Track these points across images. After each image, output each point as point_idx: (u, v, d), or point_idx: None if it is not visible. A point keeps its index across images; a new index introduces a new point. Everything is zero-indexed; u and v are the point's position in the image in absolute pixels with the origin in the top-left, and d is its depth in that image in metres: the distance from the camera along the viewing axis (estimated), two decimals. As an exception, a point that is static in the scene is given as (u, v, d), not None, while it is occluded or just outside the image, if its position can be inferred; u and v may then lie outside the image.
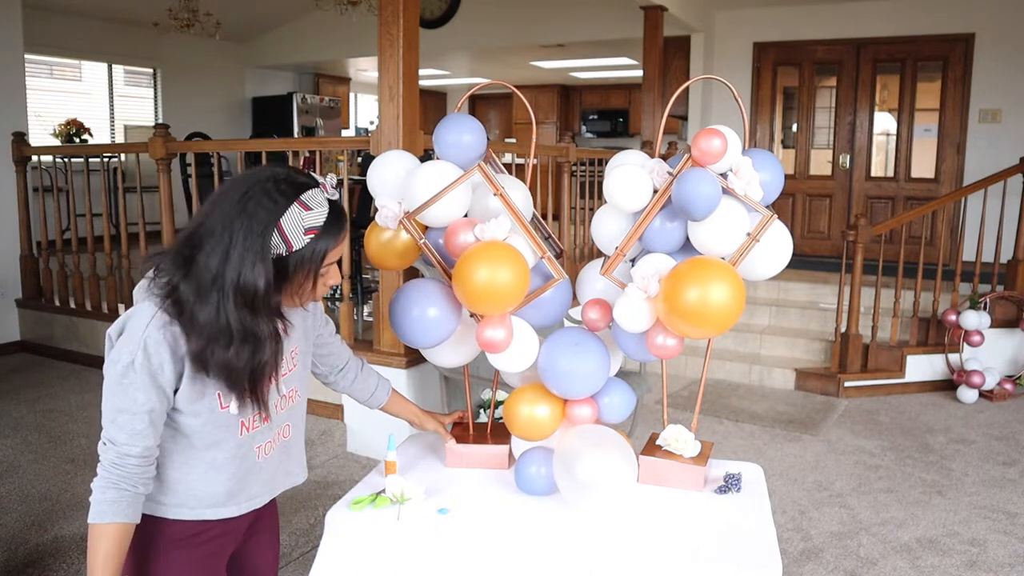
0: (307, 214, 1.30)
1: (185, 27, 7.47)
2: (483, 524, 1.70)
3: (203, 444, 1.38)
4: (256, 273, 1.26)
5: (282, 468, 1.54)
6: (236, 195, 1.29)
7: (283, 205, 1.28)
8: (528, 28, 8.33)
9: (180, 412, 1.34)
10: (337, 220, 1.34)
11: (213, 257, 1.26)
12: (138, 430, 1.29)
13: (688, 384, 5.26)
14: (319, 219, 1.31)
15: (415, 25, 3.49)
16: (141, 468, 1.30)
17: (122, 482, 1.29)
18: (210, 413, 1.35)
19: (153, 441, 1.31)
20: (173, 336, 1.28)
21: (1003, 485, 3.62)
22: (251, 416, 1.40)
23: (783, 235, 1.79)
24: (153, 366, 1.27)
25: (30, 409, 4.38)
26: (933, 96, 7.10)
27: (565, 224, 5.29)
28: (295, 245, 1.30)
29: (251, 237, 1.26)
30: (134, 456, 1.29)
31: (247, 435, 1.41)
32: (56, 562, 2.77)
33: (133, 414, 1.28)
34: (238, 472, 1.43)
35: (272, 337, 1.33)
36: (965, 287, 5.43)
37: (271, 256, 1.28)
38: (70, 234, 5.46)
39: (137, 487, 1.30)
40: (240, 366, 1.30)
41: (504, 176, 1.95)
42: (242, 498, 1.46)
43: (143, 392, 1.28)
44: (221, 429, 1.37)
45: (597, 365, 1.78)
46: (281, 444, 1.51)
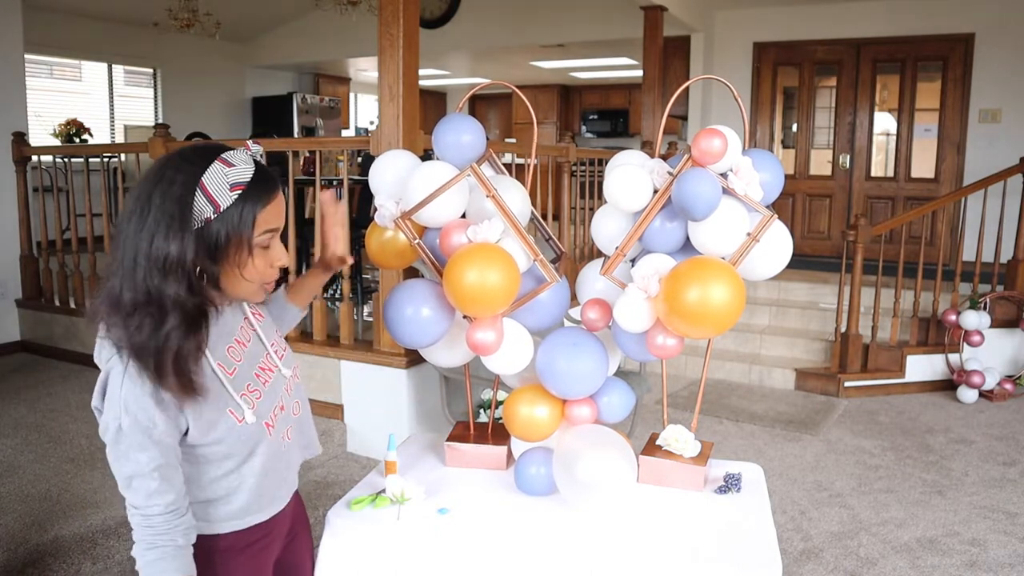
0: (231, 170, 1.21)
1: (185, 27, 7.46)
2: (483, 524, 1.70)
3: (235, 463, 1.32)
4: (170, 237, 1.16)
5: (300, 443, 1.49)
6: (154, 168, 1.22)
7: (203, 165, 1.20)
8: (528, 28, 8.32)
9: (202, 446, 1.27)
10: (264, 179, 1.24)
11: (132, 233, 1.18)
12: (152, 489, 1.21)
13: (688, 384, 5.26)
14: (244, 175, 1.21)
15: (415, 25, 3.49)
16: (171, 522, 1.23)
17: (158, 540, 1.22)
18: (231, 433, 1.28)
19: (172, 495, 1.23)
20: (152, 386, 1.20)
21: (1003, 485, 3.62)
22: (271, 414, 1.35)
23: (783, 235, 1.79)
24: (142, 424, 1.19)
25: (30, 409, 4.38)
26: (933, 96, 7.10)
27: (565, 224, 5.29)
28: (222, 204, 1.19)
29: (168, 201, 1.17)
30: (158, 515, 1.22)
31: (273, 432, 1.36)
32: (56, 562, 2.77)
33: (143, 476, 1.21)
34: (275, 468, 1.38)
35: (179, 306, 1.18)
36: (965, 287, 5.43)
37: (198, 222, 1.18)
38: (70, 234, 5.46)
39: (177, 539, 1.23)
40: (141, 340, 1.17)
41: (502, 177, 1.94)
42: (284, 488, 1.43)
43: (144, 452, 1.20)
44: (248, 441, 1.31)
45: (595, 365, 1.78)
46: (296, 421, 1.46)
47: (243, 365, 1.34)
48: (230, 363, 1.32)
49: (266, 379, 1.37)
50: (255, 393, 1.33)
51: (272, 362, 1.40)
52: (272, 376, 1.38)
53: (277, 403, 1.37)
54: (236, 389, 1.29)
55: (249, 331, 1.39)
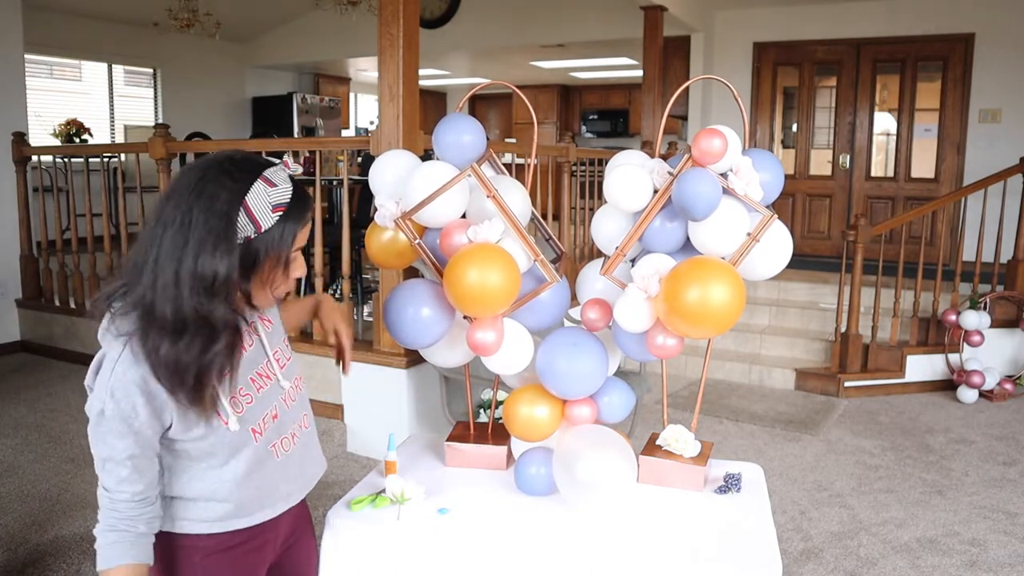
0: (272, 191, 1.22)
1: (185, 27, 7.46)
2: (483, 524, 1.70)
3: (218, 462, 1.31)
4: (219, 257, 1.17)
5: (308, 458, 1.47)
6: (192, 180, 1.20)
7: (246, 183, 1.20)
8: (528, 28, 8.32)
9: (183, 441, 1.27)
10: (302, 199, 1.26)
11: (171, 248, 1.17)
12: (123, 476, 1.23)
13: (688, 384, 5.26)
14: (285, 196, 1.23)
15: (415, 25, 3.49)
16: (136, 510, 1.25)
17: (120, 524, 1.24)
18: (215, 433, 1.28)
19: (143, 485, 1.25)
20: (142, 377, 1.20)
21: (1003, 485, 3.62)
22: (260, 420, 1.34)
23: (783, 235, 1.79)
24: (124, 412, 1.20)
25: (30, 409, 4.38)
26: (933, 96, 7.10)
27: (565, 224, 5.29)
28: (264, 225, 1.21)
29: (213, 219, 1.17)
30: (124, 501, 1.24)
31: (261, 439, 1.35)
32: (56, 562, 2.77)
33: (116, 462, 1.23)
34: (258, 478, 1.36)
35: (228, 327, 1.22)
36: (965, 287, 5.43)
37: (238, 240, 1.19)
38: (70, 234, 5.46)
39: (138, 526, 1.25)
40: (188, 360, 1.19)
41: (502, 177, 1.94)
42: (275, 499, 1.40)
43: (121, 439, 1.21)
44: (232, 444, 1.31)
45: (595, 365, 1.78)
46: (302, 435, 1.45)
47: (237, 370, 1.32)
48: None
49: (261, 385, 1.36)
50: (246, 397, 1.32)
51: (271, 370, 1.39)
52: (268, 384, 1.37)
53: (269, 411, 1.36)
54: (225, 392, 1.28)
55: (252, 336, 1.38)
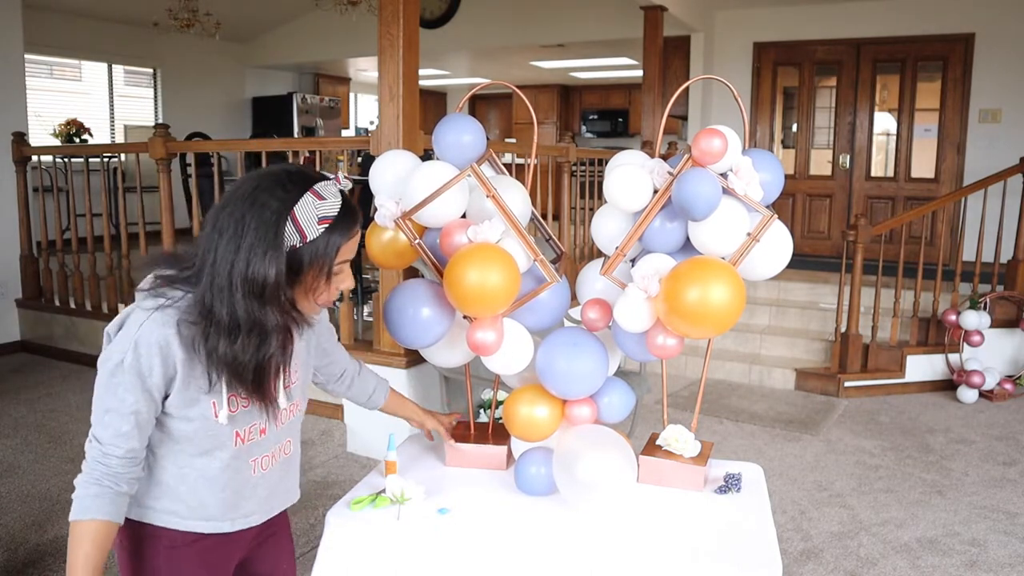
0: (321, 203, 1.27)
1: (185, 27, 7.47)
2: (483, 524, 1.70)
3: (195, 451, 1.34)
4: (268, 263, 1.23)
5: (281, 486, 1.49)
6: (247, 189, 1.27)
7: (296, 194, 1.26)
8: (528, 28, 8.32)
9: (171, 416, 1.31)
10: (350, 213, 1.31)
11: (226, 252, 1.24)
12: (123, 431, 1.26)
13: (688, 384, 5.26)
14: (333, 209, 1.28)
15: (415, 25, 3.49)
16: (125, 468, 1.28)
17: (104, 479, 1.26)
18: (203, 420, 1.31)
19: (138, 443, 1.28)
20: (166, 339, 1.25)
21: (1003, 485, 3.62)
22: (247, 427, 1.36)
23: (783, 235, 1.79)
24: (142, 368, 1.25)
25: (30, 409, 4.38)
26: (933, 96, 7.10)
27: (565, 224, 5.29)
28: (309, 235, 1.26)
29: (263, 227, 1.24)
30: (117, 456, 1.27)
31: (242, 447, 1.37)
32: (56, 562, 2.77)
33: (119, 414, 1.26)
34: (232, 485, 1.38)
35: (279, 330, 1.29)
36: (965, 287, 5.43)
37: (284, 248, 1.25)
38: (70, 234, 5.46)
39: (120, 485, 1.28)
40: (245, 359, 1.26)
41: (502, 177, 1.94)
42: (236, 514, 1.42)
43: (131, 393, 1.25)
44: (214, 438, 1.33)
45: (595, 365, 1.78)
46: (282, 460, 1.47)
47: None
48: None
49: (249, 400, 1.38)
50: (244, 401, 1.34)
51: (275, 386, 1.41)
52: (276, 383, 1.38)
53: (259, 423, 1.38)
54: (229, 388, 1.31)
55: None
